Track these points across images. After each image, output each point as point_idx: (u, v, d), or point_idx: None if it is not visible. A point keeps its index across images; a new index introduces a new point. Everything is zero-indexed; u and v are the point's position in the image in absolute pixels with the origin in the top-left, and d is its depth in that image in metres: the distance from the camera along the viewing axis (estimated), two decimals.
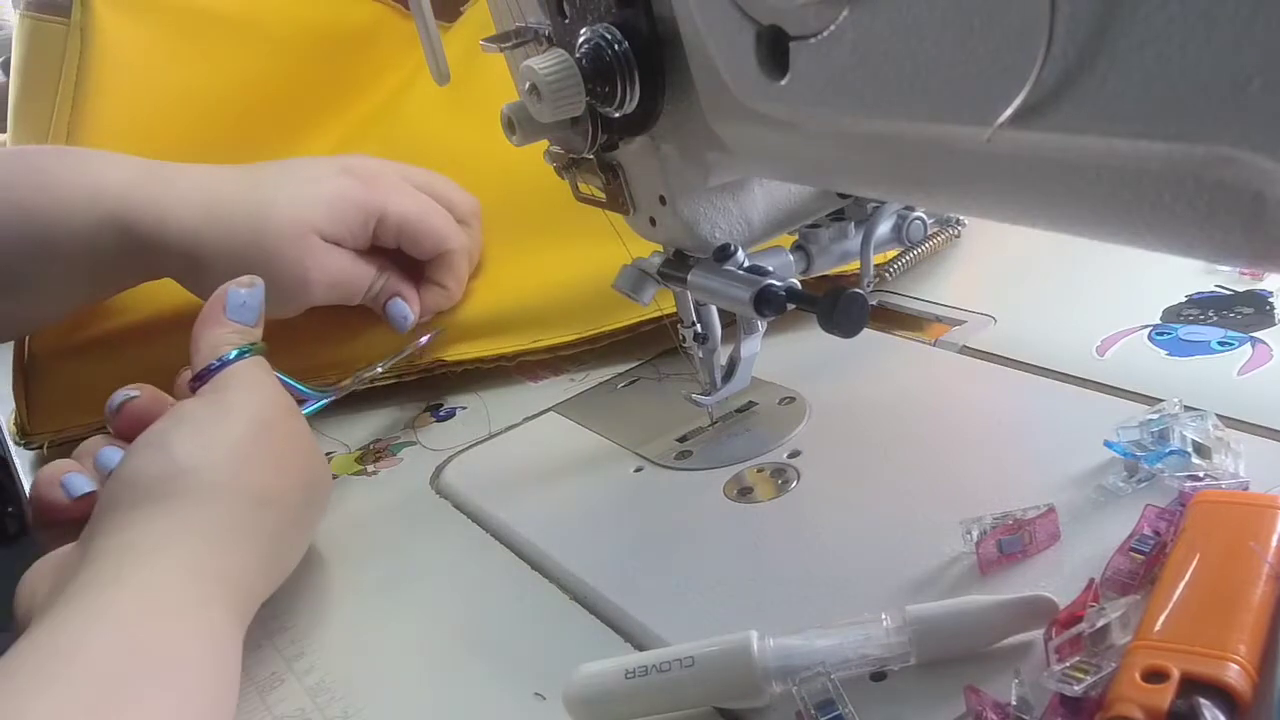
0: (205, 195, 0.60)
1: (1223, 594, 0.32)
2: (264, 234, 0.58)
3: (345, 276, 0.61)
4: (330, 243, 0.60)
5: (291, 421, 0.49)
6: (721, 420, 0.54)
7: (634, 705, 0.36)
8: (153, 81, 0.70)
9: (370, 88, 0.76)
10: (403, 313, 0.63)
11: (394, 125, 0.75)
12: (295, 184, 0.60)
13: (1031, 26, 0.24)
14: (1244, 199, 0.23)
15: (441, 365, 0.65)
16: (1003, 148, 0.26)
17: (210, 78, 0.71)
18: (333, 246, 0.61)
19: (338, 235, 0.61)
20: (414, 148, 0.72)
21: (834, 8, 0.29)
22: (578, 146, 0.43)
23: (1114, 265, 0.58)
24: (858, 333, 0.38)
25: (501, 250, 0.68)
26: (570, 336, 0.64)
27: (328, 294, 0.61)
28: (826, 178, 0.41)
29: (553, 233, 0.66)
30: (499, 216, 0.69)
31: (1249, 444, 0.40)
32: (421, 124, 0.74)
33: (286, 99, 0.73)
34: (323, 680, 0.42)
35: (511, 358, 0.65)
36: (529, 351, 0.64)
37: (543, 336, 0.64)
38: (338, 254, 0.61)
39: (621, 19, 0.38)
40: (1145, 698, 0.29)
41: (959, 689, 0.33)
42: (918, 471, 0.46)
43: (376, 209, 0.61)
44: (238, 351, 0.48)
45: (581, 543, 0.47)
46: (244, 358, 0.48)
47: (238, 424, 0.45)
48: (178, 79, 0.70)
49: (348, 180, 0.61)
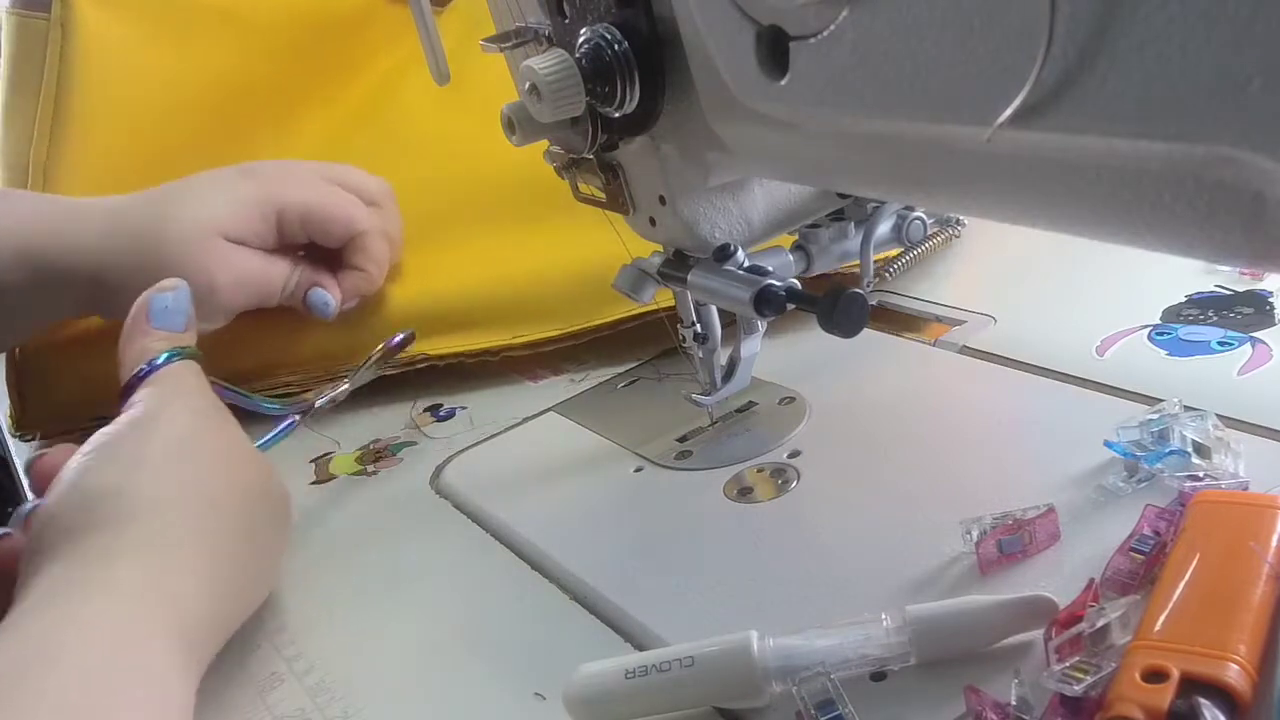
0: (107, 220, 0.60)
1: (1223, 594, 0.32)
2: (165, 242, 0.58)
3: (254, 275, 0.61)
4: (235, 243, 0.60)
5: (224, 429, 0.46)
6: (721, 420, 0.54)
7: (634, 705, 0.36)
8: (135, 74, 0.70)
9: (359, 76, 0.76)
10: (323, 299, 0.62)
11: (383, 114, 0.74)
12: (194, 193, 0.60)
13: (1031, 26, 0.24)
14: (1244, 199, 0.23)
15: (425, 359, 0.64)
16: (1003, 148, 0.26)
17: (193, 69, 0.71)
18: (238, 247, 0.60)
19: (241, 235, 0.60)
20: (403, 136, 0.72)
21: (834, 8, 0.29)
22: (578, 146, 0.43)
23: (1114, 265, 0.58)
24: (858, 333, 0.38)
25: (488, 242, 0.68)
26: (552, 332, 0.63)
27: (240, 295, 0.61)
28: (826, 178, 0.41)
29: (542, 224, 0.66)
30: (490, 207, 0.68)
31: (1249, 444, 0.40)
32: (411, 113, 0.74)
33: (271, 88, 0.73)
34: (323, 680, 0.42)
35: (495, 353, 0.64)
36: (510, 347, 0.64)
37: (525, 332, 0.64)
38: (244, 253, 0.61)
39: (621, 19, 0.38)
40: (1145, 698, 0.29)
41: (959, 689, 0.33)
42: (918, 471, 0.46)
43: (275, 203, 0.61)
44: (165, 355, 0.46)
45: (581, 543, 0.47)
46: (172, 361, 0.46)
47: (160, 436, 0.42)
48: (160, 71, 0.70)
49: (246, 181, 0.61)
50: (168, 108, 0.70)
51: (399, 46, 0.75)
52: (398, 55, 0.76)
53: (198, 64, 0.71)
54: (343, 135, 0.73)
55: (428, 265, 0.68)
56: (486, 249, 0.68)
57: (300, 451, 0.61)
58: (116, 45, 0.69)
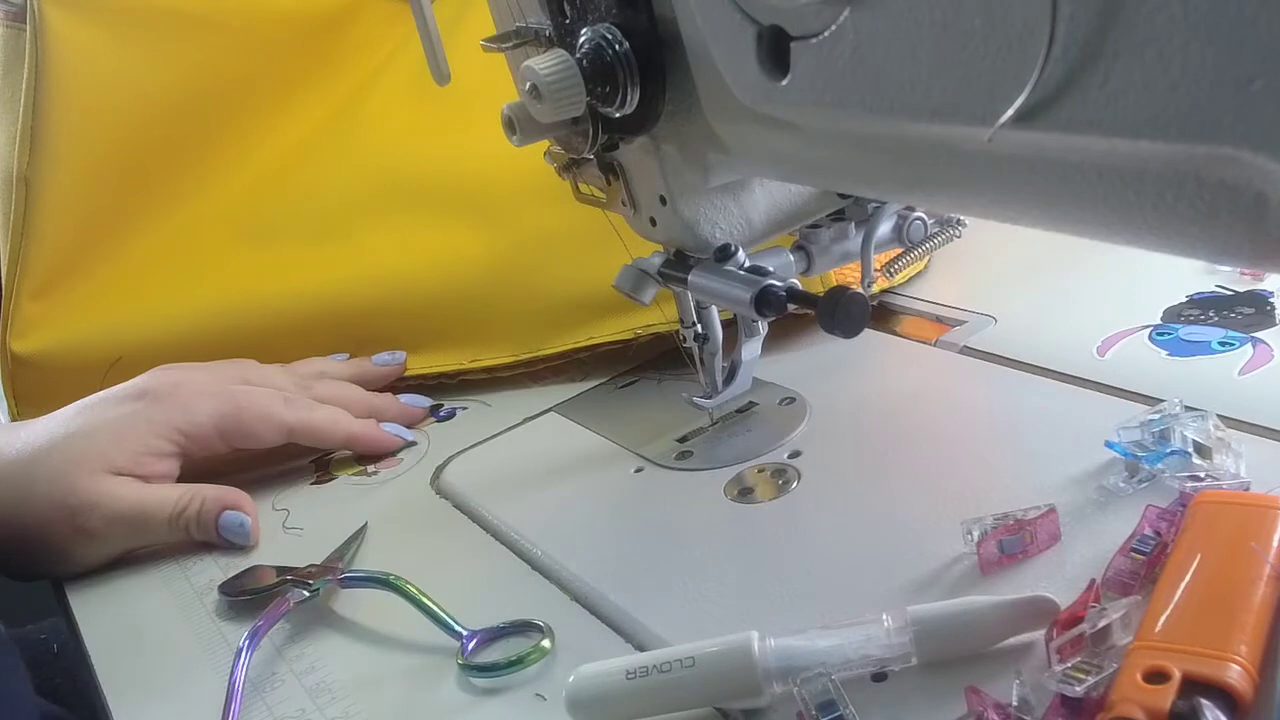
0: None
1: (1224, 595, 0.32)
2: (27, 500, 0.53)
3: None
4: (122, 476, 0.54)
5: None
6: (722, 421, 0.54)
7: (634, 705, 0.36)
8: (110, 83, 0.69)
9: (337, 77, 0.75)
10: (238, 522, 0.53)
11: (358, 116, 0.74)
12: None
13: (1033, 27, 0.24)
14: (1246, 199, 0.23)
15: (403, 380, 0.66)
16: (1004, 148, 0.26)
17: (169, 76, 0.71)
18: (123, 479, 0.53)
19: (123, 466, 0.54)
20: (378, 139, 0.71)
21: (835, 8, 0.29)
22: (578, 147, 0.43)
23: (1114, 265, 0.58)
24: (858, 333, 0.38)
25: (471, 251, 0.67)
26: (506, 359, 0.64)
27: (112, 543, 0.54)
28: (827, 178, 0.41)
29: (527, 238, 0.65)
30: (468, 212, 0.67)
31: (1250, 444, 0.40)
32: (387, 116, 0.73)
33: (248, 92, 0.73)
34: (323, 680, 0.42)
35: (452, 376, 0.65)
36: (468, 371, 0.65)
37: (482, 356, 0.65)
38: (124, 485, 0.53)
39: (622, 19, 0.38)
40: (1146, 698, 0.29)
41: (960, 690, 0.33)
42: (918, 472, 0.46)
43: (174, 425, 0.55)
44: None
45: (581, 543, 0.47)
46: None
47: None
48: (136, 79, 0.70)
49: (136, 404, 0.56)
50: (145, 116, 0.70)
51: (379, 47, 0.75)
52: (378, 55, 0.75)
53: (173, 71, 0.71)
54: (319, 138, 0.73)
55: (402, 271, 0.67)
56: (469, 258, 0.66)
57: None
58: (90, 54, 0.68)
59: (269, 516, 0.55)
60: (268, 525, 0.55)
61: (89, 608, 0.51)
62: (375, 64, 0.75)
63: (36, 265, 0.67)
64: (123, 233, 0.69)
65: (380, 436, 0.60)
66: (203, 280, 0.69)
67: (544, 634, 0.41)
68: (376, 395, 0.63)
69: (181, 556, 0.53)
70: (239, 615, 0.48)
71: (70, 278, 0.68)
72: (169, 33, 0.71)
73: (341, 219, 0.69)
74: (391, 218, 0.68)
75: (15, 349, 0.67)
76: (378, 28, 0.75)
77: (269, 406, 0.57)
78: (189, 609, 0.49)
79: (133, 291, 0.68)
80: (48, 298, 0.67)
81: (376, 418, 0.61)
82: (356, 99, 0.74)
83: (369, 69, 0.75)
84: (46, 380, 0.66)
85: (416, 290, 0.66)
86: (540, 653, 0.40)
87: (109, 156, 0.69)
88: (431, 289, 0.66)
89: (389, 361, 0.65)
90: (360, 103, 0.74)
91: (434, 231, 0.67)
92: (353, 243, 0.68)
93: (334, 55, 0.75)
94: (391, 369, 0.65)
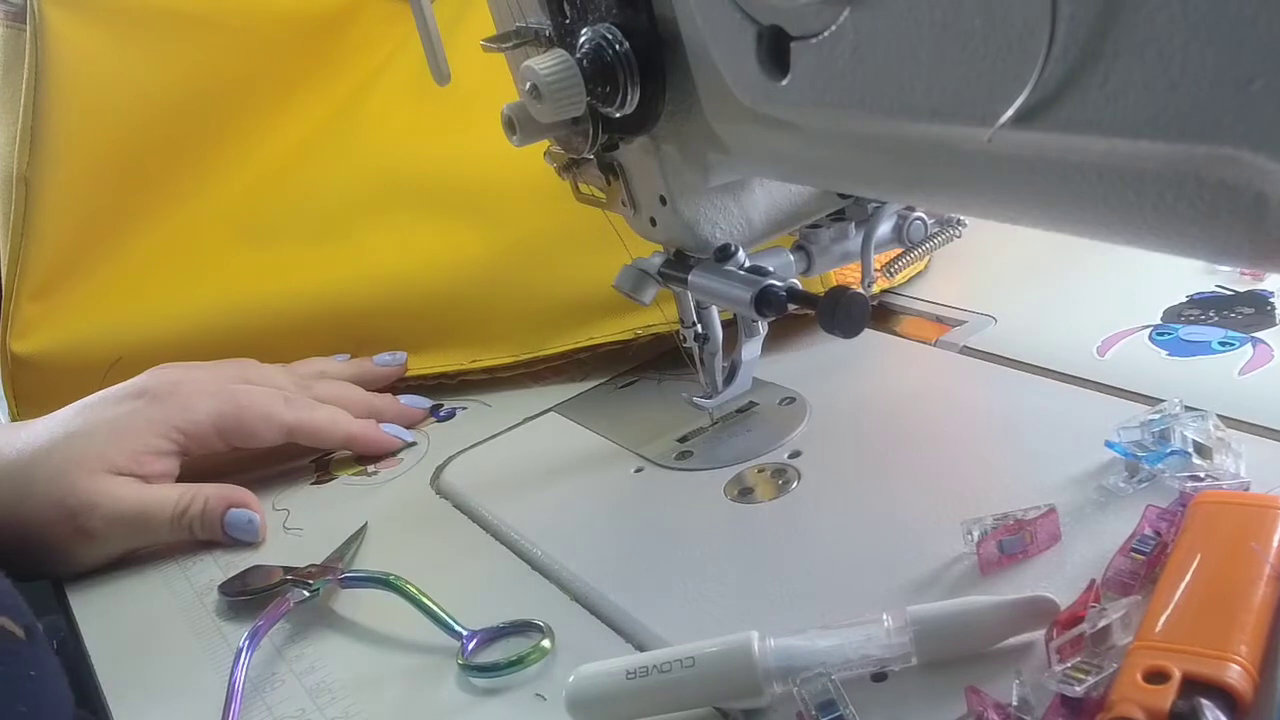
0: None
1: (1224, 595, 0.32)
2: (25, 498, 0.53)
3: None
4: (122, 475, 0.53)
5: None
6: (722, 420, 0.54)
7: (634, 706, 0.36)
8: (110, 83, 0.69)
9: (338, 77, 0.75)
10: (245, 519, 0.54)
11: (358, 116, 0.74)
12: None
13: (1033, 27, 0.24)
14: (1246, 199, 0.23)
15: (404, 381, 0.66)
16: (1004, 148, 0.26)
17: (169, 76, 0.71)
18: (125, 480, 0.53)
19: (122, 465, 0.53)
20: (378, 139, 0.71)
21: (835, 8, 0.29)
22: (578, 147, 0.43)
23: (1114, 265, 0.58)
24: (858, 333, 0.38)
25: (471, 251, 0.66)
26: (506, 359, 0.64)
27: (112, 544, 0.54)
28: (827, 178, 0.41)
29: (527, 238, 0.65)
30: (468, 212, 0.67)
31: (1250, 444, 0.40)
32: (387, 116, 0.73)
33: (248, 92, 0.73)
34: (323, 680, 0.42)
35: (452, 376, 0.65)
36: (468, 371, 0.65)
37: (482, 357, 0.65)
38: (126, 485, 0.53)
39: (622, 19, 0.38)
40: (1146, 698, 0.29)
41: (960, 690, 0.33)
42: (918, 471, 0.46)
43: (174, 424, 0.55)
44: None
45: (581, 543, 0.47)
46: None
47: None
48: (136, 79, 0.70)
49: (135, 403, 0.55)
50: (145, 116, 0.70)
51: (379, 47, 0.75)
52: (378, 55, 0.75)
53: (173, 71, 0.71)
54: (320, 136, 0.73)
55: (402, 271, 0.67)
56: (468, 259, 0.66)
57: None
58: (90, 54, 0.68)
59: (269, 516, 0.55)
60: (268, 525, 0.55)
61: (89, 608, 0.51)
62: (375, 64, 0.75)
63: (36, 265, 0.67)
64: (123, 233, 0.69)
65: (380, 437, 0.60)
66: (203, 280, 0.69)
67: (544, 634, 0.41)
68: (376, 395, 0.63)
69: (182, 556, 0.53)
70: (239, 615, 0.48)
71: (70, 278, 0.68)
72: (169, 33, 0.71)
73: (341, 219, 0.69)
74: (391, 218, 0.68)
75: (15, 349, 0.67)
76: (378, 28, 0.75)
77: (269, 406, 0.57)
78: (189, 609, 0.49)
79: (133, 291, 0.68)
80: (48, 298, 0.67)
81: (376, 418, 0.61)
82: (356, 99, 0.74)
83: (369, 69, 0.75)
84: (46, 380, 0.66)
85: (416, 290, 0.66)
86: (540, 653, 0.40)
87: (109, 156, 0.69)
88: (431, 289, 0.66)
89: (390, 362, 0.65)
90: (360, 103, 0.74)
91: (434, 231, 0.67)
92: (353, 243, 0.68)
93: (334, 55, 0.75)
94: (392, 369, 0.65)
